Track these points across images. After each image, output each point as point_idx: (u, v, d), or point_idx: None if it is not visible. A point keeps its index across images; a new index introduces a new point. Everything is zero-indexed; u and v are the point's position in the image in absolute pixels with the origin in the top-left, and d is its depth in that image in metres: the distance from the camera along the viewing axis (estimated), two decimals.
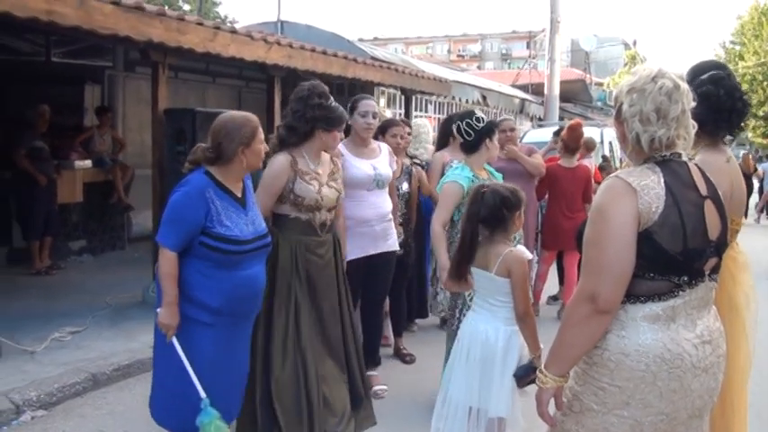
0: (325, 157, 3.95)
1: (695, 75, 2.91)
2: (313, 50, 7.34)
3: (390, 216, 4.57)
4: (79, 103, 9.18)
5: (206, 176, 3.13)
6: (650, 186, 1.95)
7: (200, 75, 9.53)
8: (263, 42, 6.46)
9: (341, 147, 4.44)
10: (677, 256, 1.95)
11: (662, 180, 1.97)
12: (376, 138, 4.80)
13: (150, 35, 5.33)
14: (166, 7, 5.58)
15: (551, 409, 2.11)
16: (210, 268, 3.10)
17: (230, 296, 3.12)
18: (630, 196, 1.94)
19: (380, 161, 4.51)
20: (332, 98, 3.91)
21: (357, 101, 4.55)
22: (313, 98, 3.82)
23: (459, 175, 4.08)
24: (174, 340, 3.10)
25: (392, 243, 4.55)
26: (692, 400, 2.02)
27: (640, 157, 2.06)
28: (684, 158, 2.07)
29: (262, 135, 3.22)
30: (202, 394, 3.05)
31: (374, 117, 4.47)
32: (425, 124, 6.61)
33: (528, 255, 3.26)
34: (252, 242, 3.17)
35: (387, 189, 4.54)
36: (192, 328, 3.12)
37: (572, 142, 6.59)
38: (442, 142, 5.79)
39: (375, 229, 4.40)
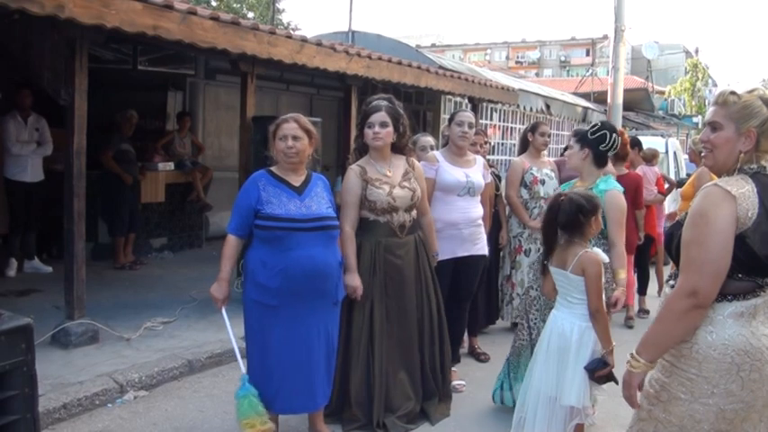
0: (399, 160, 4.19)
1: None
2: (389, 61, 7.62)
3: (480, 222, 4.83)
4: (162, 108, 9.67)
5: (264, 171, 3.66)
6: (747, 195, 2.15)
7: (274, 82, 9.89)
8: (344, 54, 6.78)
9: (437, 154, 4.75)
10: (764, 260, 2.16)
11: (755, 190, 2.17)
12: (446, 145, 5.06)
13: (244, 48, 5.68)
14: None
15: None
16: (268, 252, 3.51)
17: (285, 276, 3.47)
18: (731, 202, 2.14)
19: (474, 170, 4.78)
20: (373, 99, 4.19)
21: (455, 113, 4.85)
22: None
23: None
24: (224, 312, 3.66)
25: (480, 247, 4.78)
26: (767, 389, 2.21)
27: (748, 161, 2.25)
28: None
29: (282, 132, 3.60)
30: (243, 370, 3.57)
31: (470, 127, 4.72)
32: None
33: (604, 257, 3.48)
34: (302, 221, 3.50)
35: (478, 197, 4.80)
36: (261, 311, 3.55)
37: (619, 150, 6.77)
38: (521, 149, 6.09)
39: (463, 232, 4.65)
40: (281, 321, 3.52)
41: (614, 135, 4.24)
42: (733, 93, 2.28)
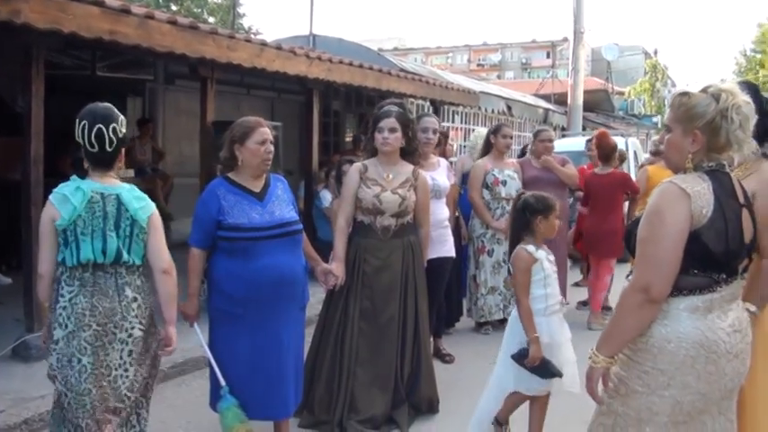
0: (406, 168, 4.23)
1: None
2: (350, 64, 7.63)
3: (446, 223, 4.89)
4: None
5: (222, 179, 3.54)
6: (702, 193, 2.20)
7: (234, 86, 9.82)
8: (305, 58, 6.78)
9: None
10: (719, 256, 2.21)
11: (711, 188, 2.22)
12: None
13: (203, 52, 5.64)
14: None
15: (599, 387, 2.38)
16: (233, 262, 3.43)
17: (251, 285, 3.41)
18: (685, 200, 2.18)
19: (438, 173, 4.84)
20: (385, 103, 4.25)
21: (419, 117, 4.91)
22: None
23: None
24: (197, 327, 3.56)
25: (448, 249, 4.85)
26: (724, 382, 2.27)
27: (704, 160, 2.28)
28: (727, 169, 2.32)
29: (261, 137, 3.48)
30: (222, 382, 3.43)
31: (434, 133, 4.82)
32: (482, 136, 6.81)
33: (537, 255, 3.58)
34: (266, 229, 3.45)
35: (443, 199, 4.85)
36: (227, 320, 3.48)
37: (605, 150, 6.84)
38: (484, 151, 6.19)
39: (431, 234, 4.64)
40: (249, 330, 3.46)
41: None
42: (683, 94, 2.32)
